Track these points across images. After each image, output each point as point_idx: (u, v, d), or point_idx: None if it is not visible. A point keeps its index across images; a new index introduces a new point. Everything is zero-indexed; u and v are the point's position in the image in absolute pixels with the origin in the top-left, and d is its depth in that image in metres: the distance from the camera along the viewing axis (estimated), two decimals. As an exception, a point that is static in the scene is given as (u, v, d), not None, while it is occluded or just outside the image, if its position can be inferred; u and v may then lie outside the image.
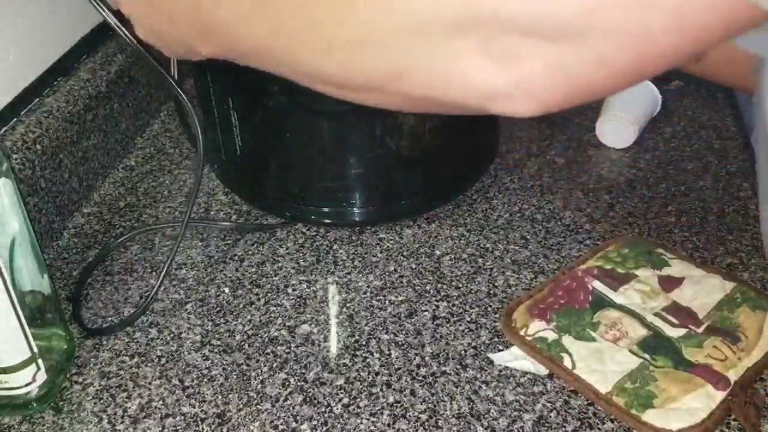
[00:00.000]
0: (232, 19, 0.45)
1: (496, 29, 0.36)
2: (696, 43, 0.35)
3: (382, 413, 0.54)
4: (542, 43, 0.35)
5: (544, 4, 0.34)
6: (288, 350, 0.60)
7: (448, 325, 0.62)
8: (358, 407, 0.55)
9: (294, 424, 0.54)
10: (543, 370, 0.57)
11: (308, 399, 0.56)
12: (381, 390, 0.56)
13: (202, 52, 0.50)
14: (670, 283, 0.63)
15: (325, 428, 0.53)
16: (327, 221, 0.72)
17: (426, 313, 0.63)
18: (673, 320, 0.59)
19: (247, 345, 0.60)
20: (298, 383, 0.57)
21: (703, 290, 0.62)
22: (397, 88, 0.40)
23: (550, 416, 0.54)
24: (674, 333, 0.58)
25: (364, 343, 0.60)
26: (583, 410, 0.54)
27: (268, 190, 0.73)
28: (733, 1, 0.32)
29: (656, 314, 0.60)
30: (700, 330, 0.58)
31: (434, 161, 0.72)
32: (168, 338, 0.61)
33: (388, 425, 0.53)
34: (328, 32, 0.40)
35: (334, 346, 0.60)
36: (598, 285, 0.62)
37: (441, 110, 0.42)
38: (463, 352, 0.59)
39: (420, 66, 0.39)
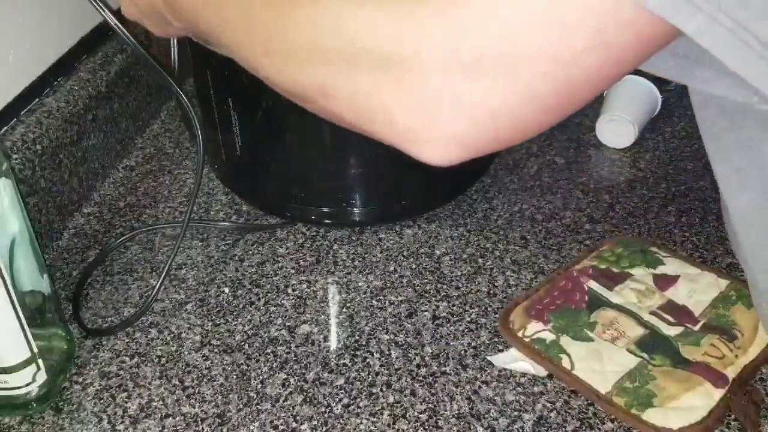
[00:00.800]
0: (189, 4, 0.47)
1: (418, 69, 0.35)
2: (619, 64, 0.34)
3: (382, 413, 0.54)
4: (465, 83, 0.34)
5: (464, 39, 0.33)
6: (288, 350, 0.60)
7: (448, 325, 0.62)
8: (358, 407, 0.55)
9: (294, 424, 0.54)
10: (542, 372, 0.57)
11: (308, 399, 0.56)
12: (381, 390, 0.56)
13: (174, 25, 0.51)
14: (665, 282, 0.63)
15: (325, 428, 0.53)
16: (327, 221, 0.72)
17: (426, 313, 0.63)
18: (670, 318, 0.59)
19: (247, 345, 0.60)
20: (298, 383, 0.57)
21: (699, 288, 0.62)
22: (326, 105, 0.40)
23: (550, 416, 0.54)
24: (671, 331, 0.58)
25: (364, 343, 0.60)
26: (583, 410, 0.54)
27: (268, 190, 0.73)
28: (651, 19, 0.31)
29: (652, 313, 0.60)
30: (697, 328, 0.58)
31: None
32: (168, 338, 0.61)
33: (388, 425, 0.53)
34: (265, 36, 0.41)
35: (334, 346, 0.60)
36: (593, 285, 0.63)
37: (379, 139, 0.41)
38: (463, 352, 0.59)
39: (345, 91, 0.38)
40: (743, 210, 0.48)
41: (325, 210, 0.71)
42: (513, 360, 0.58)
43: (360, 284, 0.66)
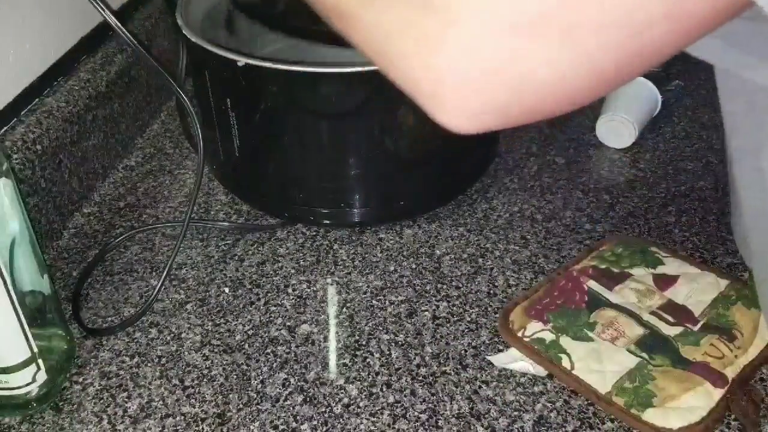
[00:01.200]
0: None
1: (466, 23, 0.30)
2: (686, 35, 0.31)
3: (382, 413, 0.54)
4: (516, 47, 0.30)
5: None
6: (288, 350, 0.60)
7: (448, 325, 0.62)
8: (358, 407, 0.55)
9: (294, 424, 0.54)
10: (542, 372, 0.57)
11: (308, 399, 0.56)
12: (381, 390, 0.56)
13: None
14: (664, 282, 0.63)
15: (325, 428, 0.53)
16: (326, 222, 0.72)
17: (426, 313, 0.63)
18: (669, 318, 0.59)
19: (247, 345, 0.60)
20: (298, 383, 0.57)
21: (698, 288, 0.62)
22: (344, 30, 0.35)
23: (550, 416, 0.54)
24: (671, 331, 0.58)
25: (364, 343, 0.60)
26: (583, 410, 0.54)
27: (267, 191, 0.73)
28: None
29: (652, 313, 0.60)
30: (697, 328, 0.58)
31: (434, 161, 0.72)
32: (168, 338, 0.61)
33: (388, 425, 0.53)
34: None
35: (334, 346, 0.60)
36: (593, 285, 0.62)
37: (395, 83, 0.35)
38: (463, 352, 0.59)
39: (369, 22, 0.33)
40: (759, 212, 0.47)
41: (325, 210, 0.71)
42: (513, 360, 0.58)
43: (360, 284, 0.66)
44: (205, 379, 0.58)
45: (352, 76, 0.62)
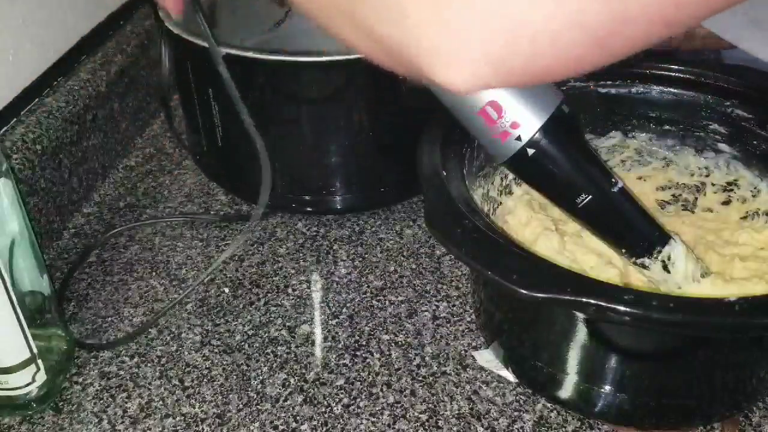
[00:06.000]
0: None
1: None
2: (688, 6, 0.30)
3: (382, 413, 0.54)
4: None
5: None
6: (288, 350, 0.60)
7: (448, 325, 0.62)
8: (358, 407, 0.55)
9: (294, 425, 0.54)
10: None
11: (308, 399, 0.56)
12: (381, 390, 0.56)
13: None
14: None
15: (325, 428, 0.53)
16: (308, 209, 0.72)
17: (426, 313, 0.63)
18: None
19: (247, 345, 0.60)
20: (298, 383, 0.57)
21: None
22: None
23: (551, 416, 0.54)
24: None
25: (364, 343, 0.60)
26: (583, 410, 0.54)
27: (249, 180, 0.73)
28: None
29: None
30: None
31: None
32: (168, 338, 0.61)
33: (388, 425, 0.53)
34: None
35: (334, 346, 0.60)
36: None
37: (378, 45, 0.34)
38: (463, 352, 0.59)
39: None
40: None
41: (307, 197, 0.71)
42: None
43: (360, 284, 0.66)
44: (205, 380, 0.57)
45: (332, 65, 0.62)
